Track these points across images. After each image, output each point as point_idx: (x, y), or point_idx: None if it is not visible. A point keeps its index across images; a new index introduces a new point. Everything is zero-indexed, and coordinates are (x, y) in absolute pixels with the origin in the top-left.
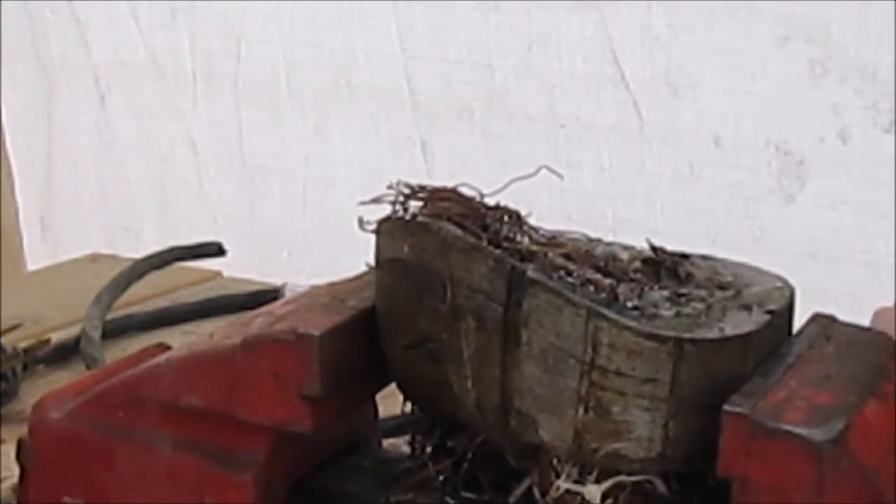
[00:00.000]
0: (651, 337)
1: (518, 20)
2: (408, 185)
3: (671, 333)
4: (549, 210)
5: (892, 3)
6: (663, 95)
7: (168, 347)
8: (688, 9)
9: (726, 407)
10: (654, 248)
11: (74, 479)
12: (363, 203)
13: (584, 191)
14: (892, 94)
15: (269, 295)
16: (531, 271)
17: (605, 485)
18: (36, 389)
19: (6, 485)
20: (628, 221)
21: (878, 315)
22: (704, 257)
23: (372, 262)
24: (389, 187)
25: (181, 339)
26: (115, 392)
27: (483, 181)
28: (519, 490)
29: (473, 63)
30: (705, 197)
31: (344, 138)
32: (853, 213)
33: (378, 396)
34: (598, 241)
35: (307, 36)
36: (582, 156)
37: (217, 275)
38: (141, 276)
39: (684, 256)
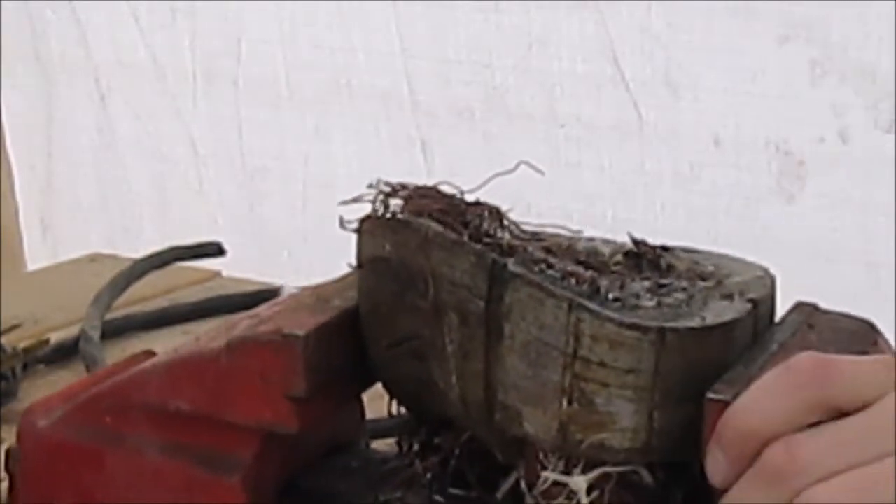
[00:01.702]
0: (633, 327)
1: (518, 20)
2: (388, 184)
3: (653, 323)
4: (549, 210)
5: (892, 3)
6: (663, 95)
7: (154, 355)
8: (688, 9)
9: (709, 395)
10: (635, 242)
11: (64, 485)
12: (344, 203)
13: (584, 191)
14: (892, 94)
15: (268, 295)
16: (512, 265)
17: (591, 475)
18: (36, 389)
19: (5, 485)
20: (628, 221)
21: None
22: (686, 249)
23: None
24: (370, 186)
25: (181, 339)
26: (103, 398)
27: (483, 181)
28: (506, 485)
29: (473, 63)
30: (705, 197)
31: (344, 138)
32: (853, 213)
33: (365, 398)
34: (579, 236)
35: (307, 36)
36: (582, 156)
37: (217, 275)
38: (141, 276)
39: (665, 249)
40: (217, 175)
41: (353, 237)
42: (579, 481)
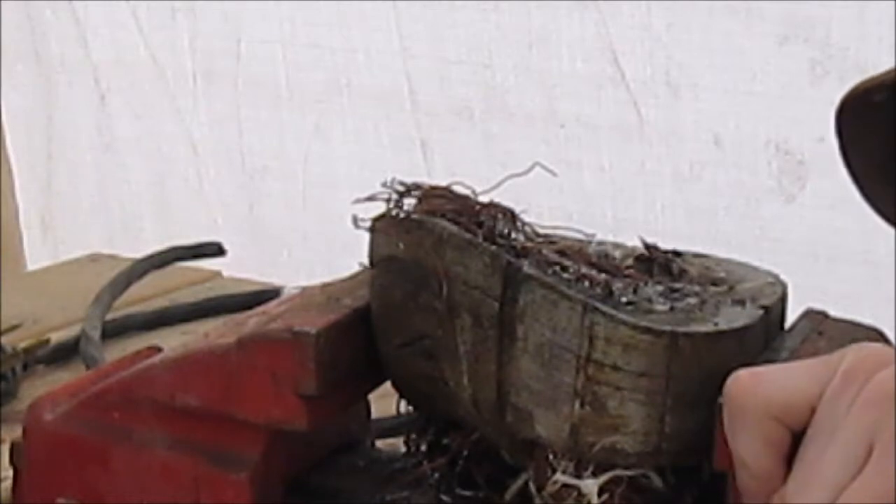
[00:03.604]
0: (646, 331)
1: (518, 20)
2: (402, 183)
3: (666, 327)
4: (549, 210)
5: (893, 3)
6: (663, 95)
7: (161, 350)
8: (688, 9)
9: (721, 399)
10: (647, 246)
11: (69, 479)
12: (358, 201)
13: (583, 191)
14: None
15: (269, 295)
16: (527, 267)
17: (602, 479)
18: (35, 389)
19: (6, 485)
20: (628, 221)
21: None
22: (697, 255)
23: (367, 262)
24: (384, 185)
25: (181, 339)
26: (111, 393)
27: (483, 181)
28: (515, 486)
29: (473, 63)
30: (705, 197)
31: (344, 138)
32: (853, 212)
33: (372, 397)
34: (590, 240)
35: (307, 36)
36: (582, 156)
37: (217, 275)
38: (141, 276)
39: (677, 254)
40: (217, 175)
41: (353, 237)
42: (590, 484)
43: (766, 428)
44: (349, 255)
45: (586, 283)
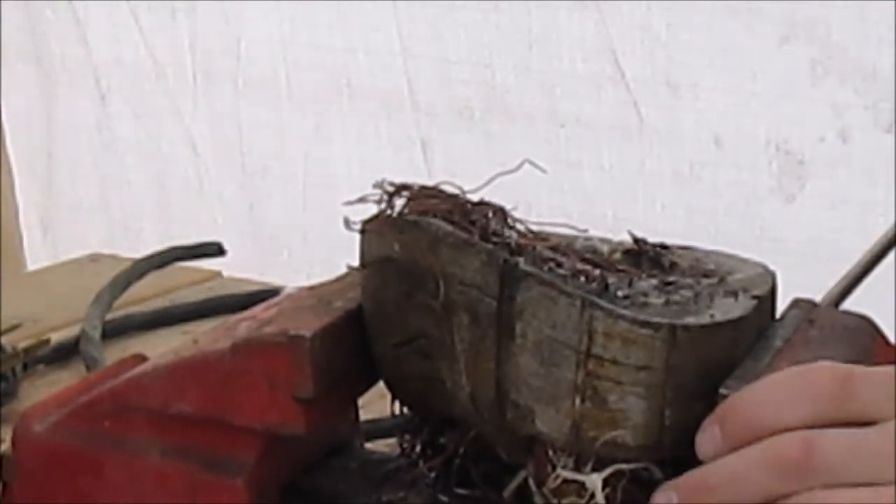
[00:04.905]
0: (645, 325)
1: (518, 20)
2: (392, 184)
3: (665, 321)
4: (549, 210)
5: (893, 3)
6: (663, 95)
7: (145, 359)
8: (688, 9)
9: (722, 390)
10: (636, 240)
11: (61, 491)
12: (349, 203)
13: (584, 191)
14: (892, 94)
15: (268, 295)
16: (523, 264)
17: (606, 472)
18: (35, 389)
19: None
20: (628, 221)
21: None
22: (683, 247)
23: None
24: (375, 186)
25: (181, 339)
26: (102, 402)
27: (483, 181)
28: (513, 484)
29: (473, 63)
30: (705, 197)
31: (344, 138)
32: (853, 212)
33: (369, 397)
34: (576, 235)
35: (307, 36)
36: (582, 156)
37: (217, 275)
38: (141, 276)
39: (664, 247)
40: (217, 175)
41: (353, 237)
42: (595, 479)
43: (828, 423)
44: (350, 255)
45: (582, 279)
